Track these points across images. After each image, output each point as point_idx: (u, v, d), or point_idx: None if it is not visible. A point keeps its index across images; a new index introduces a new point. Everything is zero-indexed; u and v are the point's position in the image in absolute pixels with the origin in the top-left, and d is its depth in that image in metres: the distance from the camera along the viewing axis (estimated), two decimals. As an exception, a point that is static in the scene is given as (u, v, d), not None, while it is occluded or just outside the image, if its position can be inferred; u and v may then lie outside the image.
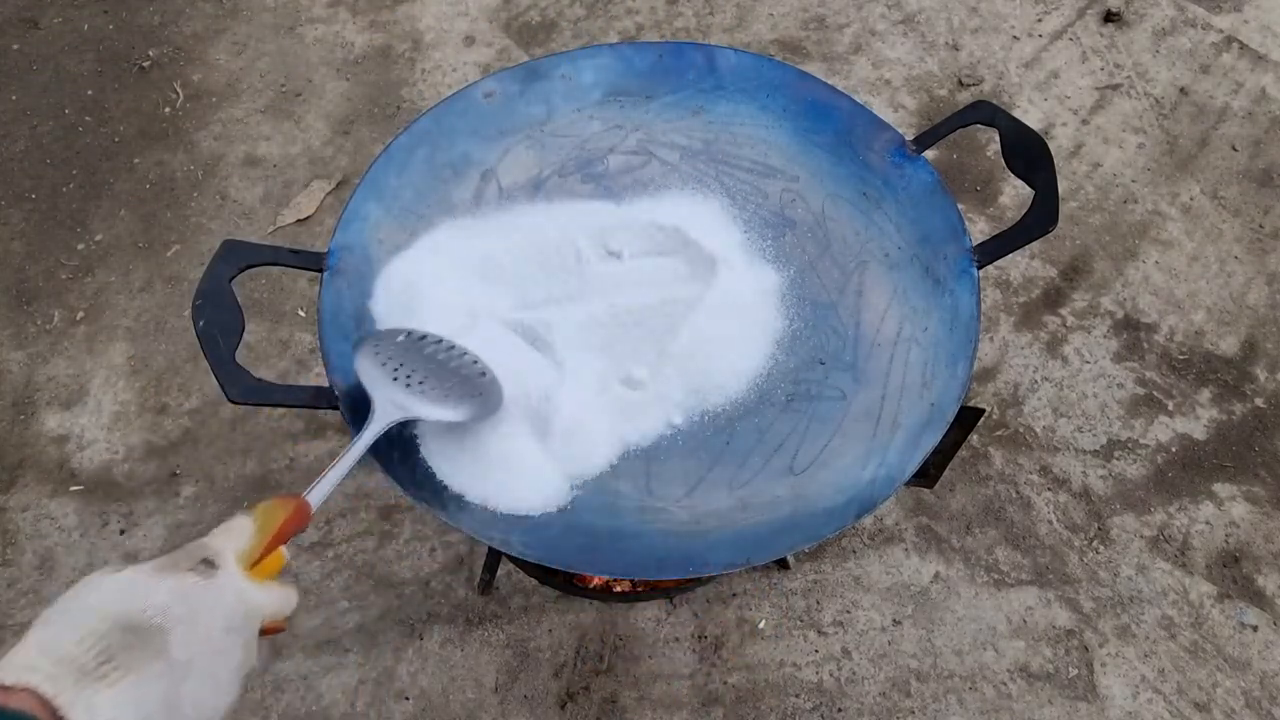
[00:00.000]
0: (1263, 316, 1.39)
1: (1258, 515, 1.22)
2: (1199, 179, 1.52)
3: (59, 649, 0.35)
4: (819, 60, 1.66)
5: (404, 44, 1.69)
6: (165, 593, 0.39)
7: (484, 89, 0.91)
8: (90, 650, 0.36)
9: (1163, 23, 1.71)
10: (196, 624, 0.38)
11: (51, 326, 1.39)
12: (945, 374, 0.76)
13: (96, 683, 0.35)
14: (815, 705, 1.09)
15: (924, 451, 0.71)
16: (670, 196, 0.90)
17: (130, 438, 1.29)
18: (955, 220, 0.81)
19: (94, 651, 0.36)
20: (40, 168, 1.55)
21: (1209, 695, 1.10)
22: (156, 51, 1.69)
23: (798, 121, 0.91)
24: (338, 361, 0.76)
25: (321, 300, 0.78)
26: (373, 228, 0.84)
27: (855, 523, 0.75)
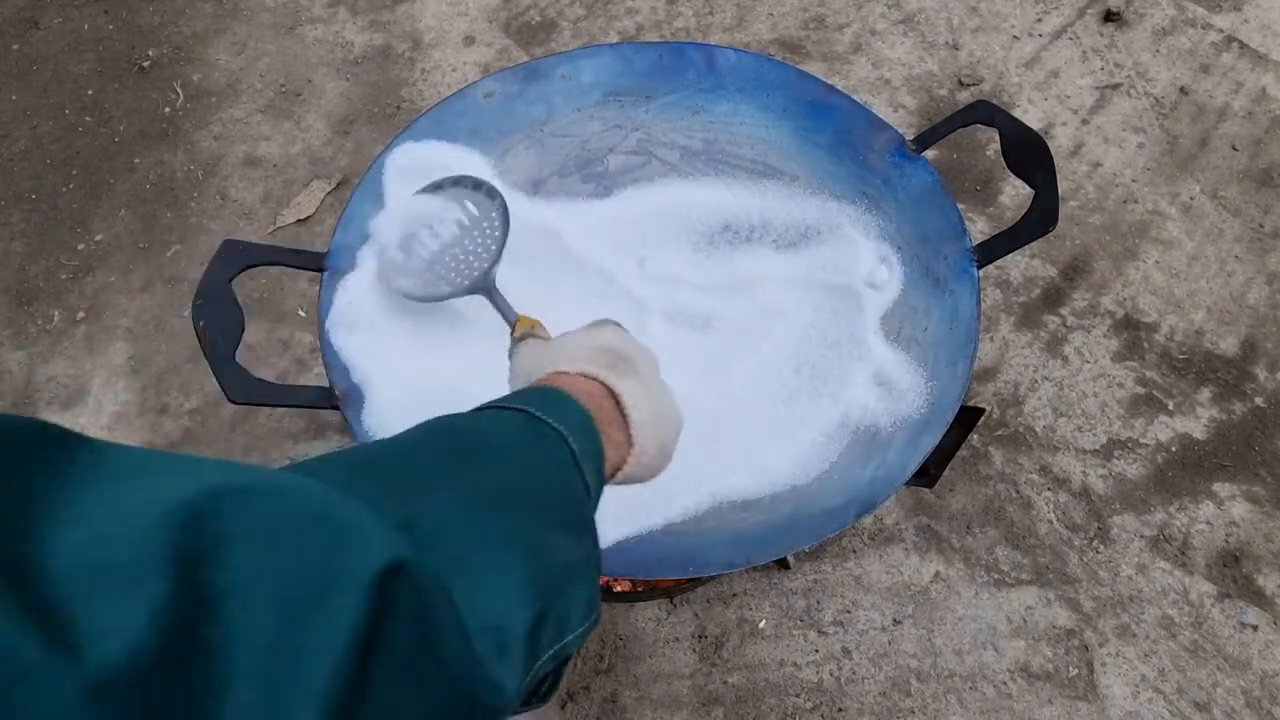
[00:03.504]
0: (1263, 316, 1.39)
1: (1258, 515, 1.22)
2: (1199, 179, 1.52)
3: (587, 358, 0.53)
4: (819, 60, 1.66)
5: (404, 44, 1.69)
6: (619, 335, 0.57)
7: (484, 89, 0.91)
8: (604, 360, 0.53)
9: (1163, 22, 1.71)
10: (641, 355, 0.55)
11: (51, 326, 1.39)
12: (945, 374, 0.76)
13: (617, 375, 0.51)
14: (815, 705, 1.09)
15: (924, 451, 0.71)
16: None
17: (131, 438, 1.29)
18: (955, 220, 0.81)
19: (606, 361, 0.53)
20: (40, 168, 1.55)
21: (1209, 695, 1.10)
22: (156, 51, 1.69)
23: (797, 121, 0.91)
24: (337, 361, 0.76)
25: (321, 300, 0.78)
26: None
27: (855, 523, 0.75)
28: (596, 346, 0.54)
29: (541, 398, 0.45)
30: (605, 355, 0.53)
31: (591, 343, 0.54)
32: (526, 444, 0.41)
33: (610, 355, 0.53)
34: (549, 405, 0.44)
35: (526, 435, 0.42)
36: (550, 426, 0.42)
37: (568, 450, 0.42)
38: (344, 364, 0.75)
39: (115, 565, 0.21)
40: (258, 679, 0.22)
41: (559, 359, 0.53)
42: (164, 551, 0.22)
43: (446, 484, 0.36)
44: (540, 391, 0.47)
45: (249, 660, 0.22)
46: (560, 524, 0.39)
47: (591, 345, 0.54)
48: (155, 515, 0.23)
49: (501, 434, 0.42)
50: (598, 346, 0.54)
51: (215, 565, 0.23)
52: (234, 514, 0.24)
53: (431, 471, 0.37)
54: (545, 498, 0.39)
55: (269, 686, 0.22)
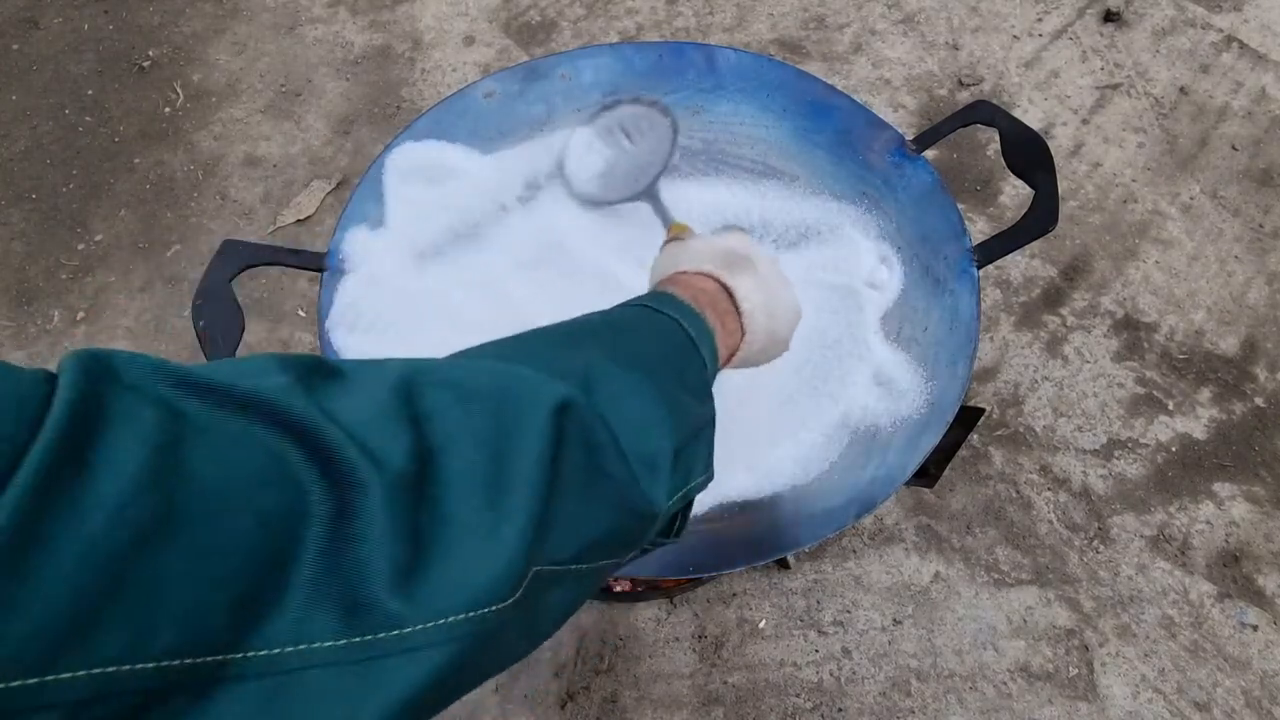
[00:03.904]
0: (1263, 316, 1.39)
1: (1258, 515, 1.22)
2: (1199, 178, 1.52)
3: (707, 259, 0.58)
4: (819, 60, 1.66)
5: (404, 44, 1.69)
6: (742, 240, 0.62)
7: (484, 89, 0.91)
8: (722, 260, 0.58)
9: (1163, 22, 1.71)
10: (760, 256, 0.61)
11: (51, 326, 1.39)
12: (945, 374, 0.76)
13: (732, 273, 0.57)
14: (815, 705, 1.09)
15: (924, 451, 0.71)
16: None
17: (130, 438, 1.29)
18: (955, 220, 0.81)
19: (724, 261, 0.58)
20: (40, 168, 1.55)
21: (1209, 695, 1.10)
22: (156, 51, 1.69)
23: (797, 121, 0.91)
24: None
25: (321, 300, 0.78)
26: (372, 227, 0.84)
27: (855, 523, 0.75)
28: (719, 248, 0.60)
29: (654, 297, 0.51)
30: (726, 256, 0.58)
31: (715, 245, 0.60)
32: (650, 324, 0.48)
33: (731, 255, 0.59)
34: (662, 300, 0.50)
35: (648, 319, 0.48)
36: (665, 315, 0.48)
37: (684, 332, 0.48)
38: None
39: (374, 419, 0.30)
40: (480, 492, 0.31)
41: (684, 259, 0.60)
42: (399, 414, 0.31)
43: (593, 346, 0.42)
44: (653, 294, 0.53)
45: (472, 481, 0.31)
46: (686, 386, 0.45)
47: (715, 248, 0.60)
48: (385, 391, 0.32)
49: (628, 316, 0.48)
50: (720, 248, 0.60)
51: (434, 422, 0.32)
52: (432, 385, 0.33)
53: (579, 338, 0.43)
54: (673, 362, 0.46)
55: (487, 507, 0.31)
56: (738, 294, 0.56)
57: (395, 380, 0.33)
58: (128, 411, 0.24)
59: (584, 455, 0.36)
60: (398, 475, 0.29)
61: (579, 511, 0.35)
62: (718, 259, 0.58)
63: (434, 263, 0.85)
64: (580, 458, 0.35)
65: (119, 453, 0.23)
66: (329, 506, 0.27)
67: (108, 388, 0.25)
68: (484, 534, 0.30)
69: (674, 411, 0.41)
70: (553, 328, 0.45)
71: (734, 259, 0.59)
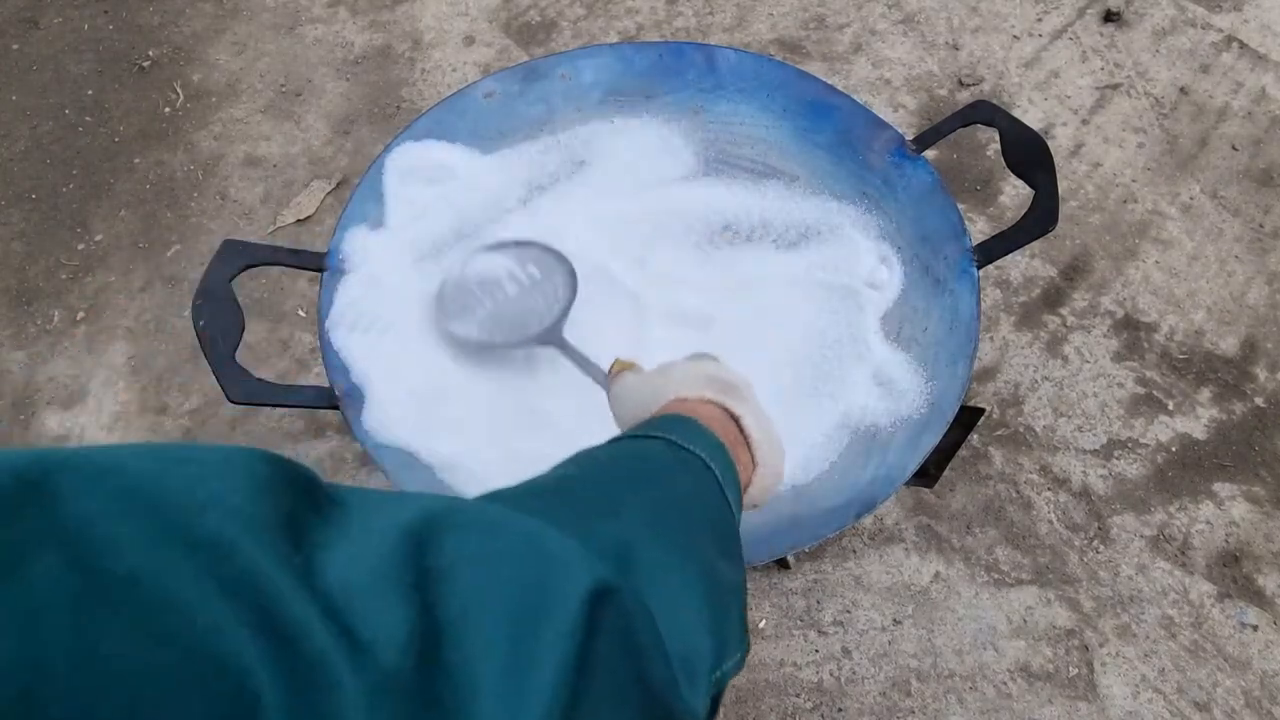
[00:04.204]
0: (1263, 316, 1.39)
1: (1258, 515, 1.22)
2: (1199, 178, 1.52)
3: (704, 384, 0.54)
4: (819, 60, 1.66)
5: (404, 44, 1.69)
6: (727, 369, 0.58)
7: (484, 89, 0.91)
8: (718, 387, 0.54)
9: (1163, 22, 1.71)
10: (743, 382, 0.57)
11: (51, 326, 1.39)
12: (945, 374, 0.76)
13: (734, 400, 0.53)
14: (815, 705, 1.09)
15: (924, 451, 0.71)
16: (670, 196, 0.90)
17: (130, 437, 1.29)
18: (955, 220, 0.81)
19: (720, 387, 0.54)
20: (40, 168, 1.55)
21: (1209, 695, 1.10)
22: (156, 51, 1.69)
23: (797, 121, 0.91)
24: (337, 361, 0.76)
25: (321, 300, 0.78)
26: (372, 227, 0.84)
27: (855, 523, 0.75)
28: (706, 375, 0.55)
29: (673, 425, 0.46)
30: (716, 383, 0.54)
31: (702, 371, 0.56)
32: (681, 470, 0.43)
33: (720, 383, 0.55)
34: (685, 432, 0.45)
35: (678, 461, 0.43)
36: (692, 453, 0.44)
37: (713, 475, 0.43)
38: (344, 364, 0.75)
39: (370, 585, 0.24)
40: (497, 696, 0.24)
41: (673, 388, 0.55)
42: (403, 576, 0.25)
43: (630, 507, 0.37)
44: (670, 419, 0.48)
45: (490, 679, 0.24)
46: (720, 546, 0.40)
47: (702, 373, 0.56)
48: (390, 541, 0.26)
49: (660, 458, 0.43)
50: (707, 375, 0.55)
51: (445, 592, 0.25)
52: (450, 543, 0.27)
53: (615, 495, 0.38)
54: (708, 519, 0.41)
55: (507, 702, 0.25)
56: (745, 422, 0.52)
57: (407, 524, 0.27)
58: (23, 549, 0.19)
59: (621, 653, 0.29)
60: (388, 670, 0.23)
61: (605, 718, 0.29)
62: (713, 385, 0.54)
63: (434, 263, 0.85)
64: (617, 655, 0.29)
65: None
66: (285, 713, 0.20)
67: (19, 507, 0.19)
68: None
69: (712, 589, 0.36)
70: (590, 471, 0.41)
71: (726, 385, 0.54)
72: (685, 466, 0.43)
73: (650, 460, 0.43)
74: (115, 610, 0.19)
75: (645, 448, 0.44)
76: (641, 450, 0.44)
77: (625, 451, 0.44)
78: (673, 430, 0.45)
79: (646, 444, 0.44)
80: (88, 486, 0.20)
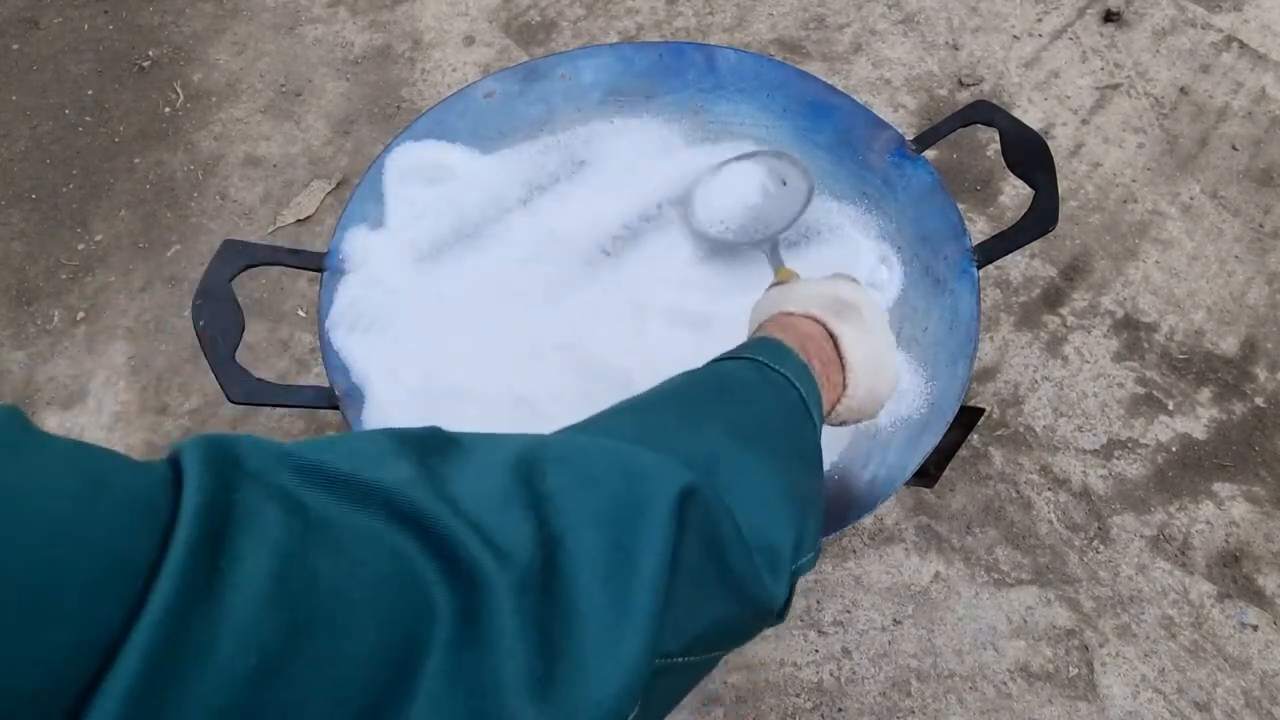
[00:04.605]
0: (1263, 316, 1.39)
1: (1258, 515, 1.22)
2: (1199, 178, 1.52)
3: (818, 302, 0.56)
4: (819, 60, 1.66)
5: (404, 44, 1.69)
6: (852, 288, 0.60)
7: (484, 89, 0.91)
8: (831, 305, 0.56)
9: (1163, 22, 1.71)
10: (869, 306, 0.59)
11: (51, 326, 1.39)
12: (945, 374, 0.76)
13: (839, 320, 0.55)
14: (815, 705, 1.09)
15: (924, 451, 0.71)
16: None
17: (130, 438, 1.29)
18: (955, 220, 0.81)
19: (832, 306, 0.56)
20: (40, 168, 1.55)
21: (1209, 695, 1.10)
22: (156, 51, 1.69)
23: (797, 121, 0.91)
24: (337, 361, 0.76)
25: (321, 300, 0.78)
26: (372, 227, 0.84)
27: (855, 523, 0.75)
28: (828, 293, 0.58)
29: (765, 348, 0.49)
30: (834, 302, 0.56)
31: (823, 290, 0.59)
32: (767, 388, 0.46)
33: (838, 303, 0.56)
34: (773, 354, 0.48)
35: (762, 380, 0.46)
36: (778, 373, 0.47)
37: (796, 393, 0.46)
38: (344, 364, 0.75)
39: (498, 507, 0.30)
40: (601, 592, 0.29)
41: (789, 301, 0.58)
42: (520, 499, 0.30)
43: (712, 421, 0.41)
44: (763, 343, 0.51)
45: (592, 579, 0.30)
46: (801, 456, 0.44)
47: (822, 292, 0.58)
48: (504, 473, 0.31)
49: (743, 378, 0.46)
50: (829, 293, 0.58)
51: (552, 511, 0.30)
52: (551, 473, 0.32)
53: (698, 412, 0.42)
54: (788, 432, 0.44)
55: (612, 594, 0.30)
56: (843, 342, 0.54)
57: (514, 458, 0.32)
58: (254, 509, 0.24)
59: (707, 547, 0.34)
60: (524, 571, 0.28)
61: (697, 604, 0.34)
62: (826, 304, 0.56)
63: (434, 263, 0.85)
64: (703, 549, 0.34)
65: (247, 564, 0.22)
66: (455, 611, 0.26)
67: (234, 483, 0.24)
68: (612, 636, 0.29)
69: (795, 495, 0.40)
70: (671, 394, 0.44)
71: (842, 306, 0.56)
72: (770, 384, 0.46)
73: (733, 379, 0.46)
74: (322, 542, 0.24)
75: (730, 369, 0.47)
76: (726, 371, 0.47)
77: (708, 374, 0.47)
78: (761, 352, 0.49)
79: (733, 365, 0.48)
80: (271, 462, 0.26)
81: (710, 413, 0.42)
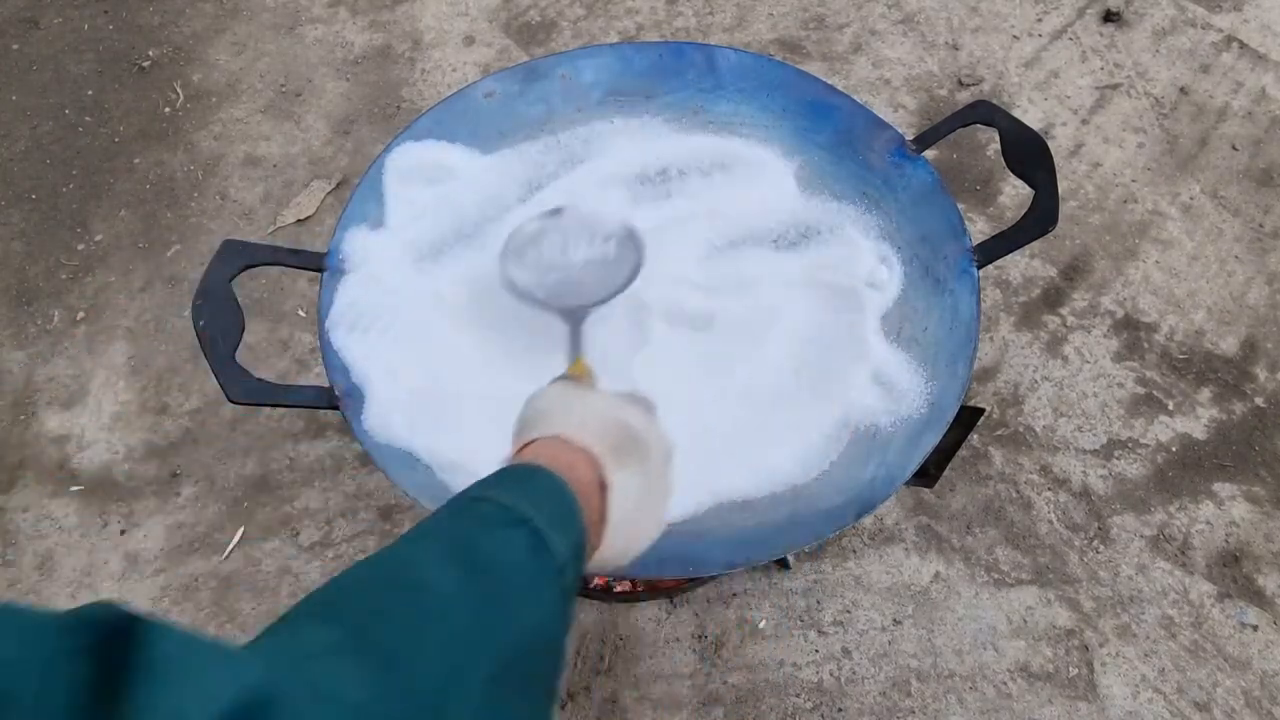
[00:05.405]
0: (1263, 316, 1.39)
1: (1258, 515, 1.22)
2: (1199, 178, 1.52)
3: (600, 432, 0.50)
4: (819, 60, 1.66)
5: (404, 44, 1.69)
6: (644, 418, 0.53)
7: (484, 89, 0.91)
8: (613, 440, 0.50)
9: (1163, 22, 1.71)
10: (657, 447, 0.53)
11: (51, 326, 1.39)
12: (945, 374, 0.76)
13: (617, 463, 0.49)
14: (815, 705, 1.09)
15: (924, 451, 0.71)
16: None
17: (130, 438, 1.29)
18: (955, 220, 0.81)
19: (614, 442, 0.50)
20: (40, 168, 1.55)
21: (1209, 695, 1.10)
22: (156, 51, 1.69)
23: (798, 121, 0.91)
24: (337, 361, 0.76)
25: (321, 300, 0.78)
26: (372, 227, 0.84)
27: (855, 523, 0.75)
28: (614, 421, 0.51)
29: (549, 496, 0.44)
30: (619, 436, 0.50)
31: (611, 415, 0.52)
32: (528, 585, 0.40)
33: (624, 438, 0.50)
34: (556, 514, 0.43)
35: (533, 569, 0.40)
36: (550, 554, 0.41)
37: (562, 584, 0.41)
38: (344, 364, 0.75)
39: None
40: None
41: (570, 421, 0.51)
42: None
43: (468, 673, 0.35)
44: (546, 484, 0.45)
45: None
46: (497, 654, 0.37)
47: (611, 418, 0.52)
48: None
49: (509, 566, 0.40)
50: (615, 421, 0.51)
51: None
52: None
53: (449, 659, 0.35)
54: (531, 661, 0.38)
55: None
56: (612, 497, 0.48)
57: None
58: None
59: None
60: None
61: None
62: (609, 437, 0.50)
63: (434, 263, 0.85)
64: None
65: None
66: None
67: None
68: None
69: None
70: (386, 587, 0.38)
71: (627, 441, 0.50)
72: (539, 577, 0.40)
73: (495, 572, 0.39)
74: None
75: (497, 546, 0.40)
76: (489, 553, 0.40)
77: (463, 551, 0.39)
78: (543, 503, 0.43)
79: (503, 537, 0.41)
80: None
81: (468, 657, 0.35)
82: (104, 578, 1.19)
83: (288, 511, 1.23)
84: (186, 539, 1.21)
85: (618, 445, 0.50)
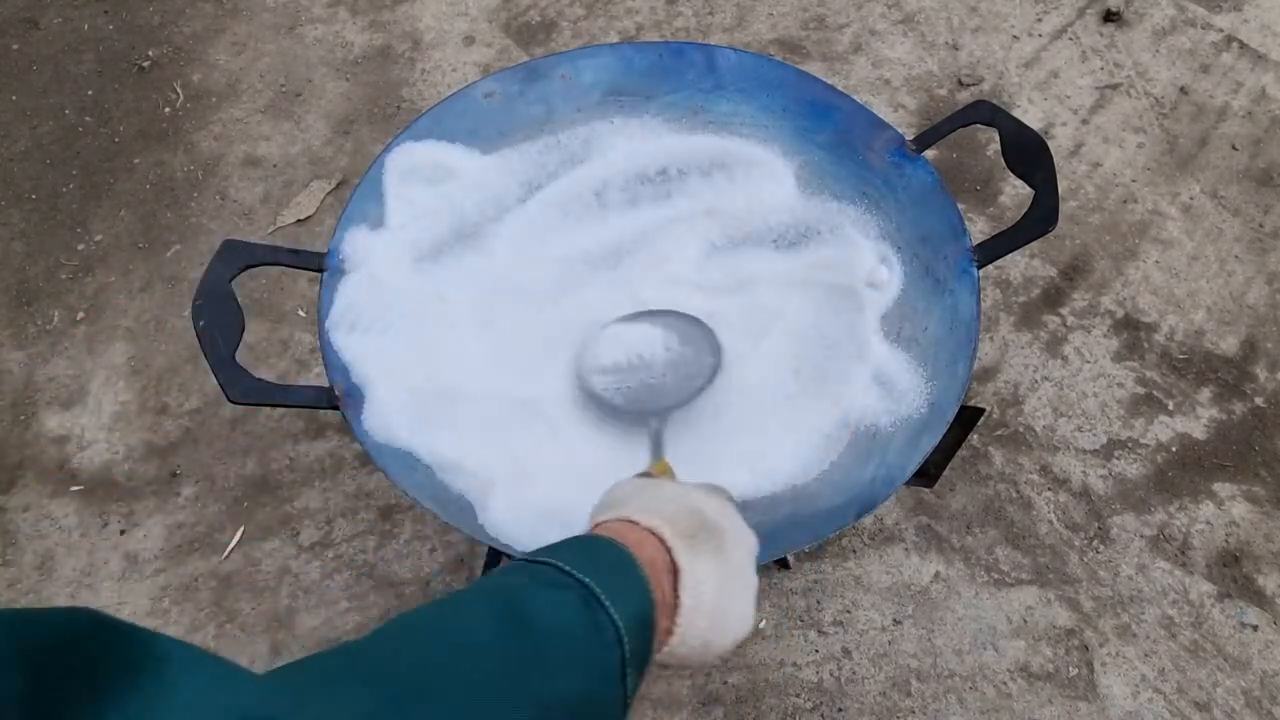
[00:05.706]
0: (1263, 316, 1.39)
1: (1258, 515, 1.22)
2: (1199, 178, 1.52)
3: (672, 516, 0.48)
4: (819, 60, 1.66)
5: (404, 44, 1.69)
6: (720, 506, 0.52)
7: (484, 89, 0.91)
8: (685, 525, 0.48)
9: (1163, 22, 1.71)
10: (735, 537, 0.50)
11: (51, 326, 1.39)
12: (945, 374, 0.76)
13: (689, 549, 0.47)
14: (815, 705, 1.09)
15: (924, 451, 0.71)
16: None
17: (130, 438, 1.29)
18: (955, 220, 0.81)
19: (688, 527, 0.48)
20: (40, 168, 1.55)
21: (1209, 695, 1.10)
22: (156, 51, 1.69)
23: (798, 121, 0.91)
24: (338, 361, 0.76)
25: (321, 300, 0.78)
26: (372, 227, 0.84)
27: (855, 523, 0.75)
28: (687, 507, 0.49)
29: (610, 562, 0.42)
30: (692, 522, 0.48)
31: (685, 502, 0.50)
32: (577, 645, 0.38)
33: (698, 524, 0.48)
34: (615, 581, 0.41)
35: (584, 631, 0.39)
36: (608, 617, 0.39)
37: (619, 653, 0.39)
38: (344, 364, 0.75)
39: None
40: None
41: (637, 505, 0.49)
42: None
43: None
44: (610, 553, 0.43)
45: None
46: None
47: (683, 505, 0.49)
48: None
49: (557, 626, 0.38)
50: (689, 508, 0.49)
51: None
52: None
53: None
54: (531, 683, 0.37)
55: None
56: (684, 580, 0.45)
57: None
58: None
59: None
60: None
61: None
62: (680, 521, 0.48)
63: (434, 263, 0.85)
64: None
65: None
66: None
67: None
68: None
69: None
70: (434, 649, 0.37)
71: (701, 529, 0.48)
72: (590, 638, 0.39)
73: (538, 629, 0.38)
74: None
75: (544, 607, 0.39)
76: (536, 611, 0.39)
77: (505, 614, 0.38)
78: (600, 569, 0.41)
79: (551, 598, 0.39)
80: None
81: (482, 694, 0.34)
82: (104, 578, 1.19)
83: (288, 511, 1.23)
84: (186, 539, 1.21)
85: (689, 530, 0.47)
